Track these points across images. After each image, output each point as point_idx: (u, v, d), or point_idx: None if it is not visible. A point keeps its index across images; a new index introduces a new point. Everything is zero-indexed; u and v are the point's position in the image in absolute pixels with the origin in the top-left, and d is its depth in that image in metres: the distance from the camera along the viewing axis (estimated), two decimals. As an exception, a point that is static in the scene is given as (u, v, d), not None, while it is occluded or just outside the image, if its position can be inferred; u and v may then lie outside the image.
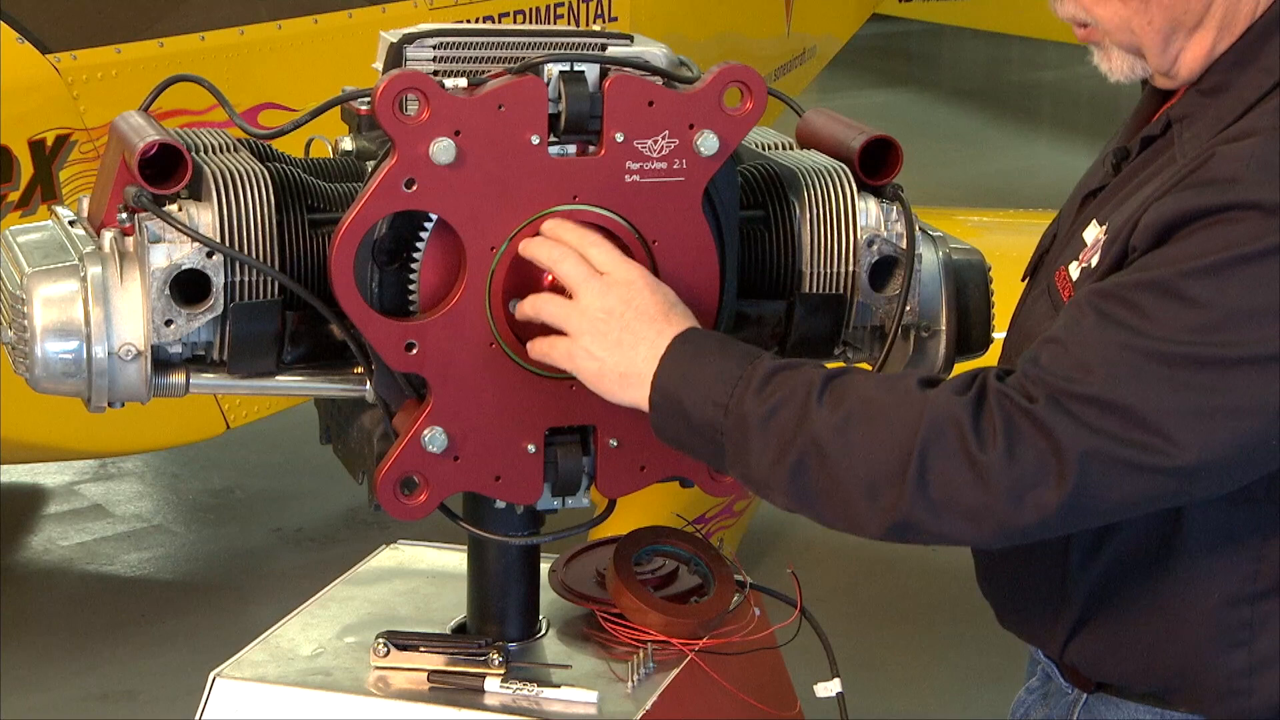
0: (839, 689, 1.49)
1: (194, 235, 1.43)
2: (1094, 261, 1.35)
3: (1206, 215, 1.24)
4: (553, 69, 1.42)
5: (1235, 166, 1.25)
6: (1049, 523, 1.26)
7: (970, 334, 1.61)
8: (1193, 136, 1.34)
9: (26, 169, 3.06)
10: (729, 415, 1.32)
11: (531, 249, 1.41)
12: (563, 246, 1.40)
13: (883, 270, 1.58)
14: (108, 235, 1.47)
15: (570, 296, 1.39)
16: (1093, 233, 1.38)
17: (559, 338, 1.39)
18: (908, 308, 1.57)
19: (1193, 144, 1.33)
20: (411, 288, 1.46)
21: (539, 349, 1.41)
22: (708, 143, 1.44)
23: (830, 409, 1.29)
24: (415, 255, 1.45)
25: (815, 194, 1.56)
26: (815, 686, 1.47)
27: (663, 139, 1.43)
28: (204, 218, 1.44)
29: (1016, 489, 1.24)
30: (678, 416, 1.35)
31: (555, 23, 4.15)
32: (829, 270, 1.55)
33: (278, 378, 1.50)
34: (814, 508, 1.31)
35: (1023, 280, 1.52)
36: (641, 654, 1.58)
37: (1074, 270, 1.38)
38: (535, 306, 1.41)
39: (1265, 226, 1.22)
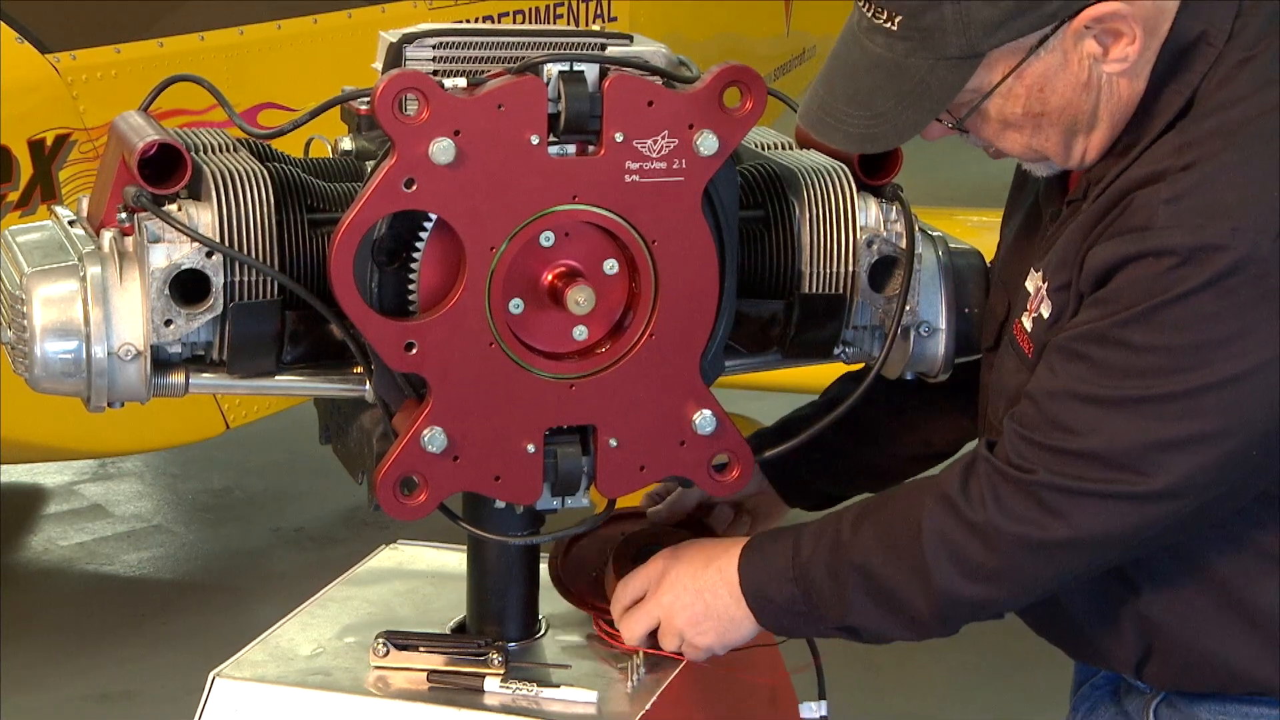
0: (824, 712, 1.55)
1: (193, 235, 1.43)
2: (1044, 311, 1.42)
3: (1129, 261, 1.33)
4: (552, 69, 1.42)
5: (1148, 213, 1.33)
6: (1067, 563, 1.36)
7: (969, 333, 1.61)
8: (1096, 181, 1.42)
9: (26, 169, 3.06)
10: (797, 581, 1.45)
11: (632, 630, 1.56)
12: (631, 620, 1.55)
13: (882, 270, 1.58)
14: (107, 235, 1.47)
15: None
16: (1033, 282, 1.45)
17: (668, 634, 1.53)
18: (907, 307, 1.57)
19: (1097, 187, 1.41)
20: (411, 287, 1.46)
21: (667, 645, 1.54)
22: (707, 143, 1.44)
23: (854, 530, 1.43)
24: (415, 255, 1.45)
25: (815, 194, 1.56)
26: (800, 706, 1.53)
27: (662, 139, 1.43)
28: (203, 218, 1.44)
29: (1022, 540, 1.35)
30: (780, 617, 1.48)
31: (555, 23, 4.15)
32: (829, 270, 1.55)
33: (277, 378, 1.50)
34: (894, 628, 1.44)
35: (986, 349, 1.58)
36: (640, 655, 1.58)
37: (1026, 321, 1.44)
38: (636, 637, 1.55)
39: (1181, 272, 1.29)
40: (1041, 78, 1.36)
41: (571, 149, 1.43)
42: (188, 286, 1.44)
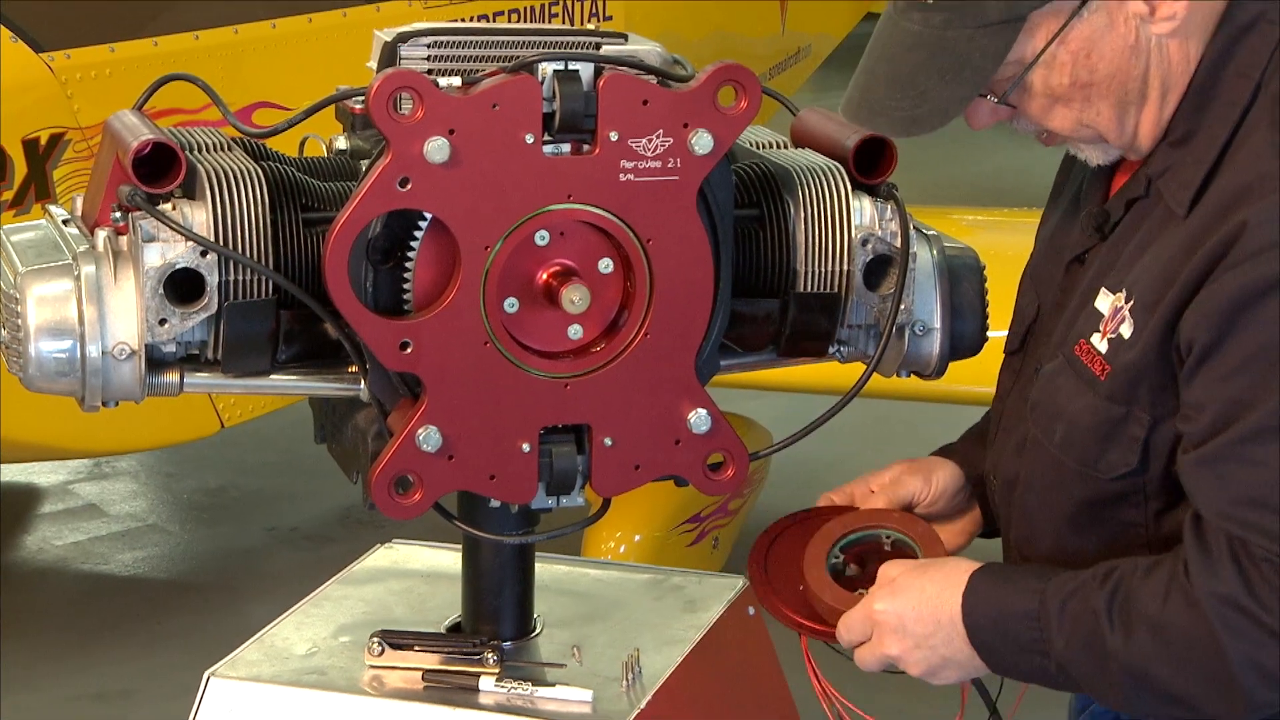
0: None
1: (188, 234, 1.42)
2: (1125, 332, 1.36)
3: (1270, 290, 1.26)
4: (547, 68, 1.42)
5: (1271, 231, 1.26)
6: None
7: (964, 333, 1.61)
8: (1180, 186, 1.36)
9: (20, 168, 3.06)
10: (1051, 659, 1.37)
11: (865, 660, 1.49)
12: (864, 654, 1.48)
13: (877, 269, 1.58)
14: (102, 234, 1.47)
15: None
16: (1106, 301, 1.39)
17: (887, 653, 1.46)
18: (902, 306, 1.57)
19: (1182, 192, 1.36)
20: (406, 286, 1.46)
21: (871, 660, 1.48)
22: (702, 142, 1.44)
23: (1124, 637, 1.33)
24: (410, 254, 1.45)
25: (810, 193, 1.56)
26: None
27: (657, 138, 1.43)
28: (198, 217, 1.44)
29: None
30: (1006, 665, 1.42)
31: (550, 21, 4.14)
32: (823, 269, 1.55)
33: (272, 377, 1.50)
34: (1173, 711, 1.36)
35: (1009, 353, 1.52)
36: (636, 653, 1.58)
37: (1099, 343, 1.38)
38: (866, 659, 1.48)
39: None
40: (1087, 42, 1.32)
41: (566, 148, 1.43)
42: (182, 286, 1.44)
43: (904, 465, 1.62)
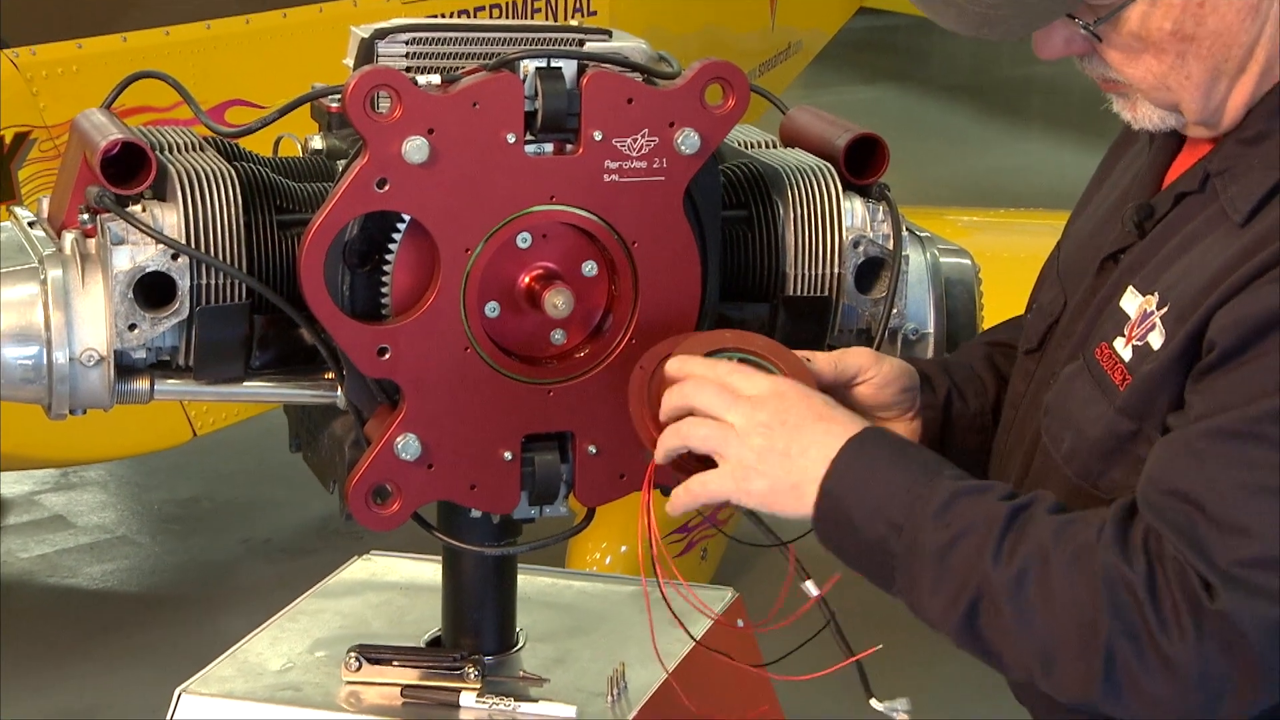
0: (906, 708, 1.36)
1: (158, 237, 1.42)
2: (1153, 341, 1.27)
3: None
4: (529, 65, 1.42)
5: None
6: (1243, 711, 1.21)
7: (958, 337, 1.62)
8: (1241, 191, 1.27)
9: (-16, 168, 3.05)
10: (902, 538, 1.27)
11: (670, 400, 1.33)
12: (696, 379, 1.33)
13: (869, 272, 1.58)
14: (69, 237, 1.46)
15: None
16: (1133, 302, 1.30)
17: (712, 471, 1.31)
18: (894, 310, 1.57)
19: (1243, 198, 1.26)
20: (384, 290, 1.46)
21: (693, 490, 1.32)
22: (689, 141, 1.44)
23: (1007, 558, 1.24)
24: (387, 257, 1.45)
25: (799, 194, 1.56)
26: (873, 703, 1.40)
27: (642, 137, 1.44)
28: (169, 219, 1.44)
29: (1208, 684, 1.20)
30: (845, 528, 1.29)
31: (532, 17, 4.15)
32: (813, 272, 1.56)
33: (246, 384, 1.50)
34: (985, 657, 1.28)
35: (1025, 352, 1.44)
36: (621, 668, 1.58)
37: (1123, 349, 1.30)
38: (681, 434, 1.32)
39: None
40: None
41: (549, 148, 1.44)
42: (152, 290, 1.44)
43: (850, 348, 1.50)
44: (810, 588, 1.34)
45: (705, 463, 1.34)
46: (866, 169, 1.60)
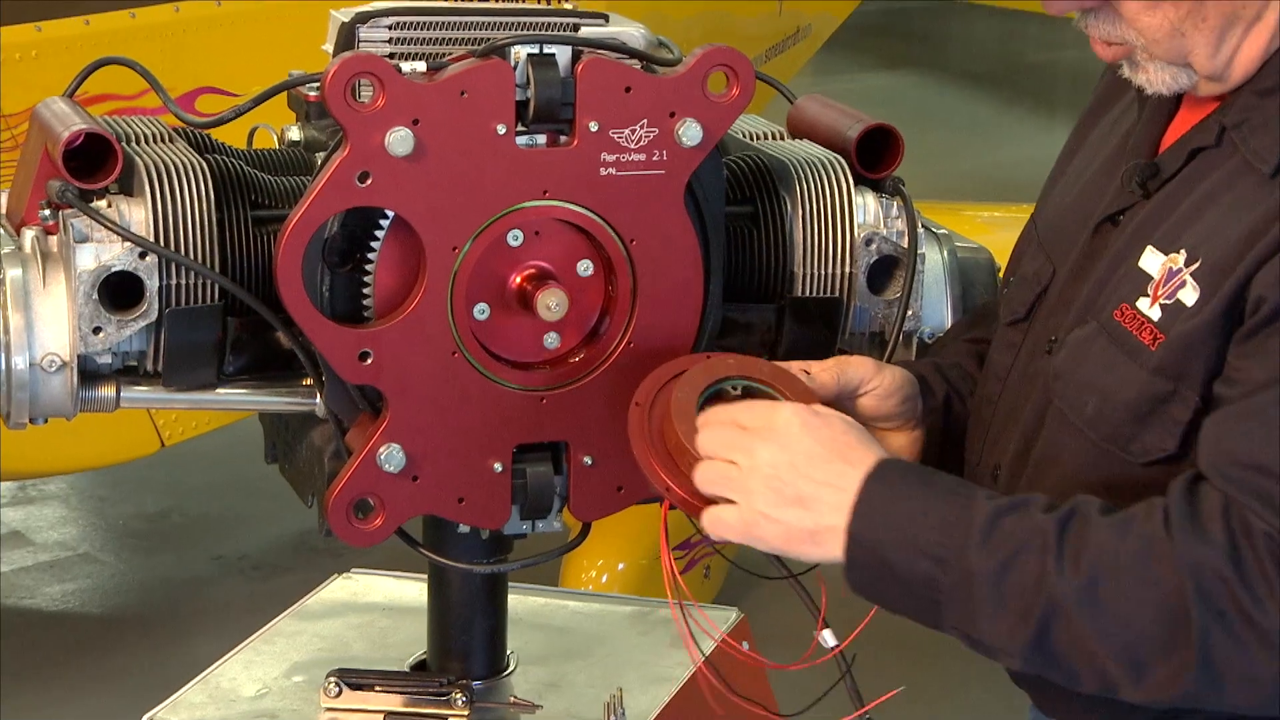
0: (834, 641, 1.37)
1: (125, 234, 1.43)
2: (1185, 298, 1.31)
3: None
4: (520, 51, 1.43)
5: None
6: None
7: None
8: (1266, 141, 1.32)
9: (-62, 160, 3.06)
10: (949, 571, 1.28)
11: (703, 452, 1.35)
12: (711, 428, 1.35)
13: (882, 271, 1.59)
14: (29, 234, 1.47)
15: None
16: (1155, 261, 1.34)
17: (728, 506, 1.34)
18: (909, 313, 1.58)
19: (1269, 149, 1.31)
20: (366, 291, 1.46)
21: (707, 527, 1.35)
22: (690, 132, 1.45)
23: (1071, 567, 1.26)
24: (370, 256, 1.46)
25: (808, 188, 1.57)
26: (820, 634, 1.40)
27: (641, 128, 1.44)
28: (136, 215, 1.44)
29: None
30: (880, 571, 1.30)
31: (525, 0, 4.16)
32: (823, 272, 1.57)
33: (218, 390, 1.51)
34: (1059, 674, 1.29)
35: (1010, 323, 1.48)
36: (619, 693, 1.58)
37: (1148, 308, 1.33)
38: (699, 480, 1.35)
39: None
40: None
41: (542, 139, 1.44)
42: (118, 291, 1.44)
43: (850, 355, 1.53)
44: (828, 638, 1.35)
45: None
46: (880, 162, 1.61)
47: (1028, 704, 1.48)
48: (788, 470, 1.32)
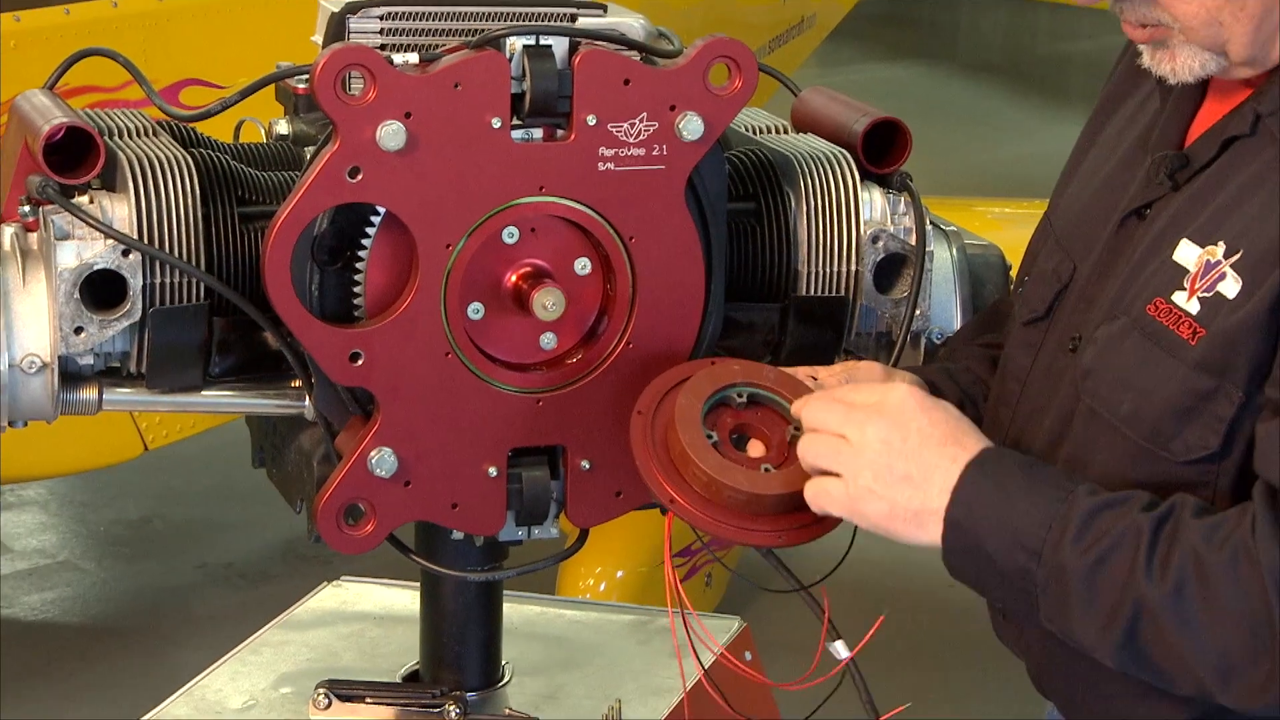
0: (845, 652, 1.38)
1: (108, 231, 1.43)
2: (1225, 290, 1.32)
3: None
4: (516, 43, 1.43)
5: None
6: None
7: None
8: None
9: (-86, 155, 3.05)
10: (1044, 564, 1.31)
11: (807, 426, 1.37)
12: (818, 401, 1.37)
13: (889, 270, 1.59)
14: (8, 231, 1.47)
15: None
16: (1191, 254, 1.35)
17: (833, 479, 1.35)
18: (917, 312, 1.58)
19: None
20: (357, 290, 1.46)
21: (810, 498, 1.36)
22: (691, 126, 1.45)
23: (1160, 571, 1.29)
24: (360, 254, 1.46)
25: (813, 184, 1.57)
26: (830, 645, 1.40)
27: (640, 122, 1.45)
28: (119, 211, 1.44)
29: None
30: (979, 559, 1.33)
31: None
32: (828, 270, 1.57)
33: (204, 393, 1.51)
34: (1150, 675, 1.32)
35: (1029, 321, 1.48)
36: (617, 705, 1.58)
37: (1187, 303, 1.34)
38: (805, 451, 1.36)
39: None
40: None
41: (538, 134, 1.45)
42: (101, 289, 1.44)
43: (858, 360, 1.56)
44: (840, 648, 1.36)
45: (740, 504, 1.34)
46: (887, 156, 1.61)
47: (1038, 715, 1.48)
48: (900, 447, 1.33)
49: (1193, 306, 1.34)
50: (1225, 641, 1.27)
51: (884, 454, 1.34)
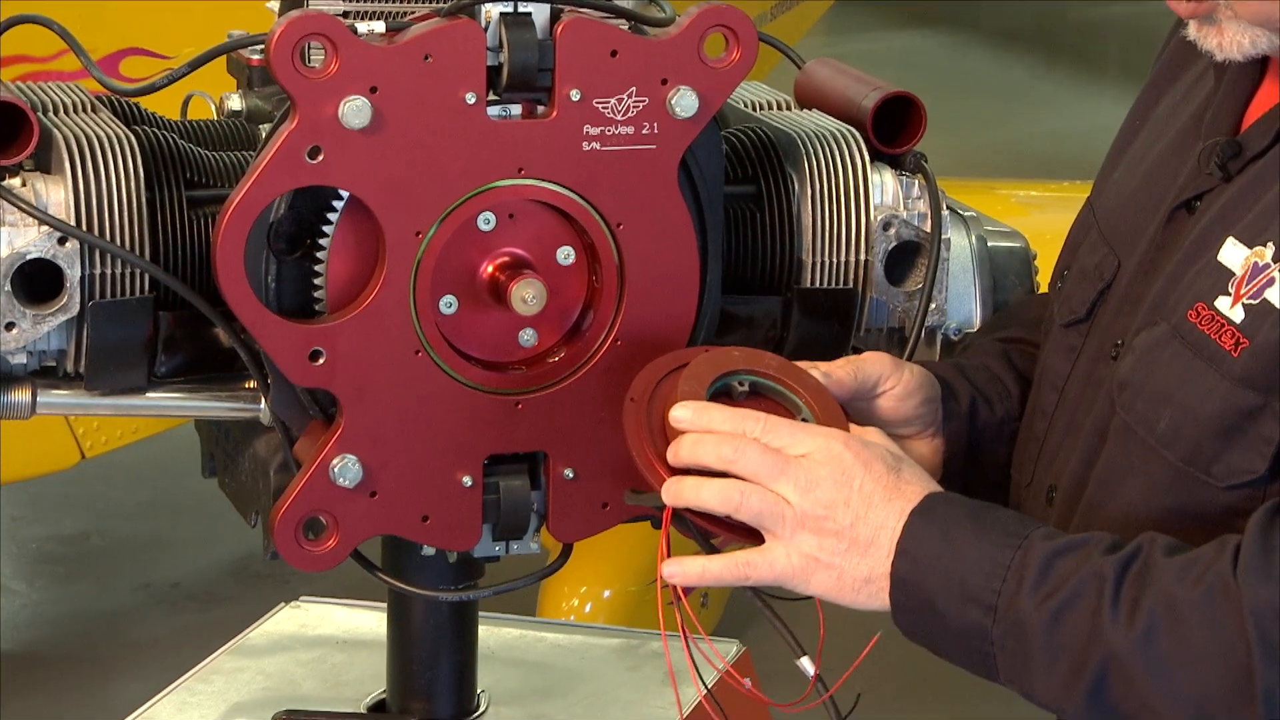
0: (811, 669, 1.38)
1: (42, 217, 1.44)
2: (1273, 297, 1.30)
3: None
4: (491, 10, 1.44)
5: None
6: None
7: (1011, 337, 1.63)
8: None
9: None
10: (999, 619, 1.30)
11: (696, 452, 1.35)
12: (726, 437, 1.35)
13: (902, 259, 1.60)
14: (-66, 217, 1.48)
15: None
16: (1238, 255, 1.34)
17: (760, 554, 1.35)
18: (932, 306, 1.59)
19: None
20: (318, 282, 1.47)
21: (736, 571, 1.36)
22: (685, 102, 1.46)
23: (1127, 616, 1.27)
24: (321, 242, 1.47)
25: (818, 165, 1.58)
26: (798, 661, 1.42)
27: (629, 97, 1.46)
28: (54, 195, 1.45)
29: None
30: (929, 618, 1.33)
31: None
32: (835, 259, 1.58)
33: (148, 395, 1.51)
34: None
35: (1069, 324, 1.48)
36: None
37: (1230, 309, 1.33)
38: (724, 497, 1.34)
39: None
40: None
41: (516, 110, 1.45)
42: (35, 281, 1.45)
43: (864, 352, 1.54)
44: (806, 665, 1.36)
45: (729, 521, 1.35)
46: (900, 134, 1.62)
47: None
48: (841, 508, 1.33)
49: (1236, 314, 1.32)
50: (1202, 686, 1.26)
51: (827, 517, 1.33)
